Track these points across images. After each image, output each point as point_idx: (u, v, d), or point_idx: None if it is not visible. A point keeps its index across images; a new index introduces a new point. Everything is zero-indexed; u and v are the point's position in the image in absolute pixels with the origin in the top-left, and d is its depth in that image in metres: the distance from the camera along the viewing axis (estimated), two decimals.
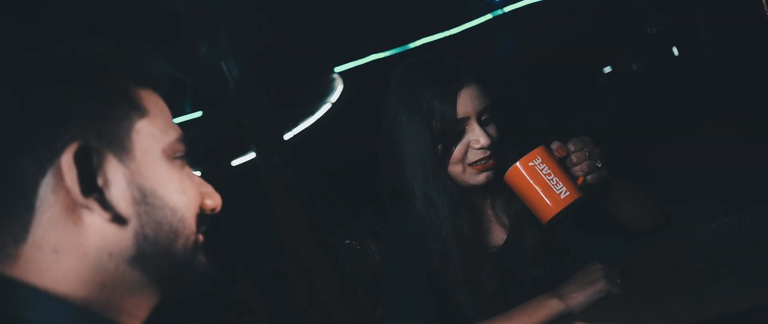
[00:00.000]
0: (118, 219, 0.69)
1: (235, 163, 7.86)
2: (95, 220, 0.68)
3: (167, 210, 0.72)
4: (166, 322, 1.06)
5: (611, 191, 1.38)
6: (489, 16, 9.09)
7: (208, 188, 0.80)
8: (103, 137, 0.69)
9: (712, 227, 1.41)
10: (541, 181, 1.22)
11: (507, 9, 9.05)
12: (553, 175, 1.22)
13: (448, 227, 1.37)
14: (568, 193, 1.21)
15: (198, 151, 7.50)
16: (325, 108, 7.79)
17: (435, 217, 1.39)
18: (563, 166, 1.27)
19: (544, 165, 1.23)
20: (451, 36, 8.48)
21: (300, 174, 4.11)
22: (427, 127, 1.36)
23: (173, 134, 0.76)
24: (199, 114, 6.53)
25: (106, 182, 0.69)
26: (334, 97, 7.84)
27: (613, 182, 1.37)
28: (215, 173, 7.98)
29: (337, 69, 7.80)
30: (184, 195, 0.74)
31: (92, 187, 0.68)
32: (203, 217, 0.79)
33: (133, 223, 0.70)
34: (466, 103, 1.35)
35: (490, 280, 1.39)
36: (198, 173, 0.83)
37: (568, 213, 1.26)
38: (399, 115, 1.41)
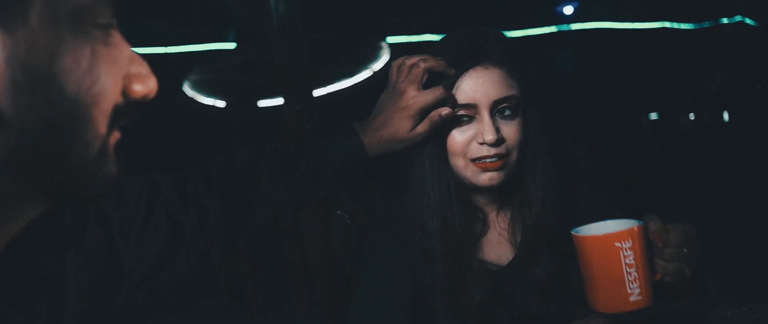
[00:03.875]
0: None
1: (261, 104, 7.77)
2: None
3: (64, 105, 0.49)
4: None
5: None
6: (553, 29, 8.84)
7: (139, 67, 0.55)
8: None
9: (744, 311, 1.23)
10: (619, 269, 0.97)
11: (574, 26, 8.78)
12: (634, 269, 0.97)
13: (437, 220, 1.19)
14: (639, 297, 0.97)
15: (226, 81, 7.45)
16: (364, 74, 7.63)
17: (425, 207, 1.22)
18: (650, 258, 1.02)
19: (631, 252, 0.97)
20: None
21: (318, 131, 3.97)
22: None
23: None
24: (233, 45, 6.41)
25: None
26: (378, 66, 7.67)
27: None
28: (240, 109, 7.93)
29: (389, 39, 7.60)
30: (95, 83, 0.50)
31: None
32: (124, 108, 0.54)
33: (8, 119, 0.47)
34: (475, 87, 1.14)
35: (476, 290, 1.20)
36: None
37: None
38: None
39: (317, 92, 6.97)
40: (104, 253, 0.82)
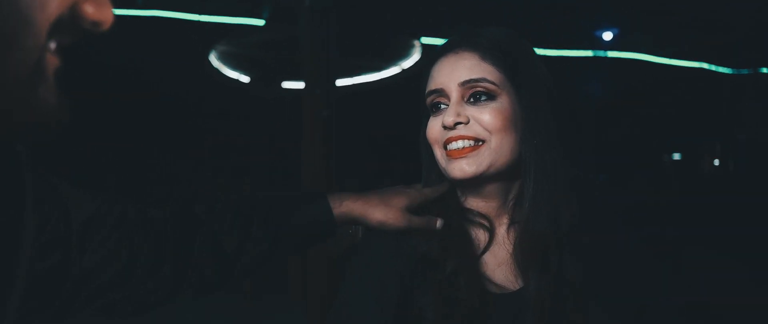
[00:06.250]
0: None
1: (285, 85, 7.73)
2: None
3: (3, 4, 0.40)
4: None
5: None
6: (589, 53, 8.70)
7: None
8: None
9: None
10: None
11: (610, 53, 8.64)
12: None
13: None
14: None
15: (251, 58, 7.40)
16: (392, 70, 7.55)
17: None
18: None
19: None
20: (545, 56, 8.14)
21: (335, 119, 3.89)
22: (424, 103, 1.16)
23: None
24: (261, 22, 6.36)
25: None
26: (407, 64, 7.58)
27: None
28: (264, 90, 7.90)
29: (423, 39, 7.50)
30: None
31: None
32: (69, 24, 0.46)
33: None
34: (444, 71, 1.10)
35: (467, 313, 1.09)
36: None
37: None
38: None
39: (341, 81, 6.90)
40: (59, 252, 0.79)
